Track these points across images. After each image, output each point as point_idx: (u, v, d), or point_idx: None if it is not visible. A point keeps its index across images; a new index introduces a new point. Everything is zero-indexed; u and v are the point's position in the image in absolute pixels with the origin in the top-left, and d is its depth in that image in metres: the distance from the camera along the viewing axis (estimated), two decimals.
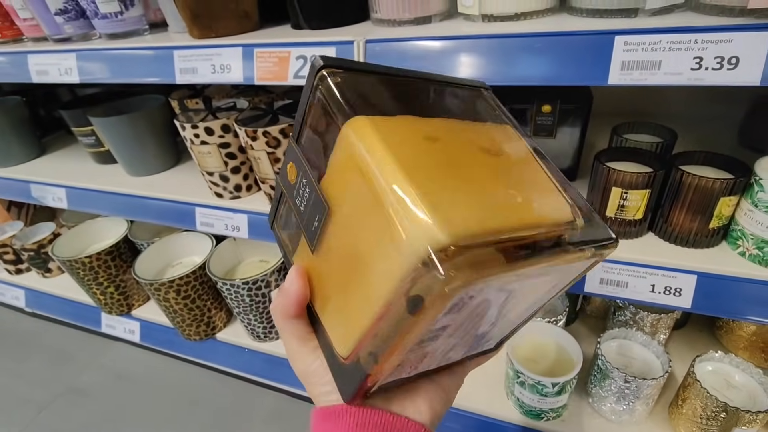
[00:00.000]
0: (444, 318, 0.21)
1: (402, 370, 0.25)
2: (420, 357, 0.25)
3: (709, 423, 0.59)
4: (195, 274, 0.83)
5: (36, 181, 0.93)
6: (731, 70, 0.38)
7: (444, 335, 0.23)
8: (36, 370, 1.15)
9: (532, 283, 0.24)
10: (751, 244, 0.50)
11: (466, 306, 0.21)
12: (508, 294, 0.23)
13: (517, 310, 0.27)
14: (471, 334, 0.26)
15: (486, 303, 0.22)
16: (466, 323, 0.23)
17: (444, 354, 0.27)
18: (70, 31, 0.73)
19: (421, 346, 0.23)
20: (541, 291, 0.26)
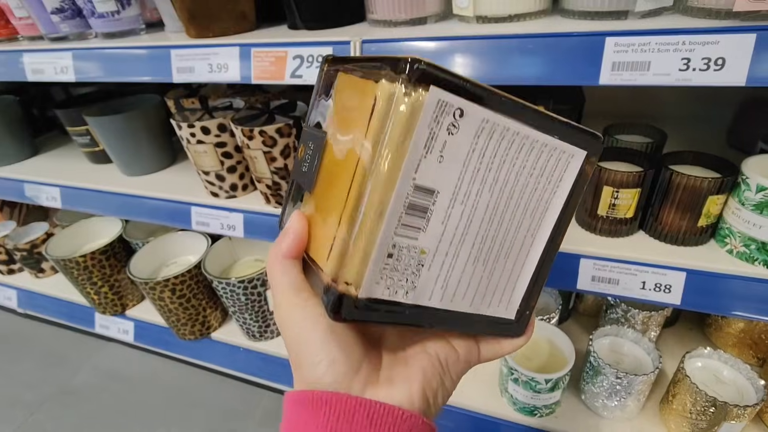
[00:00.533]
0: (428, 167, 0.21)
1: (395, 282, 0.23)
2: (414, 263, 0.23)
3: (699, 418, 0.60)
4: (190, 273, 0.83)
5: (30, 181, 0.92)
6: (718, 71, 0.39)
7: (435, 220, 0.23)
8: (28, 371, 1.14)
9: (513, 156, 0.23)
10: (739, 241, 0.51)
11: (450, 153, 0.21)
12: (495, 170, 0.23)
13: (515, 218, 0.25)
14: (472, 247, 0.24)
15: (474, 169, 0.22)
16: (457, 209, 0.23)
17: (446, 286, 0.25)
18: (66, 30, 0.73)
19: (408, 229, 0.22)
20: (531, 184, 0.25)
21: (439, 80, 0.20)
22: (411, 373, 0.25)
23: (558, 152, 0.25)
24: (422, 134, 0.21)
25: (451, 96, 0.21)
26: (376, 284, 0.22)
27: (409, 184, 0.21)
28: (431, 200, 0.22)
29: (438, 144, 0.21)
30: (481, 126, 0.22)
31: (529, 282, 0.27)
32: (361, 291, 0.22)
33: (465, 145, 0.22)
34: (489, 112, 0.22)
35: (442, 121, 0.21)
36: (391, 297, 0.23)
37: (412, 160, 0.21)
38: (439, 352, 0.27)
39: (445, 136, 0.21)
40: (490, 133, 0.22)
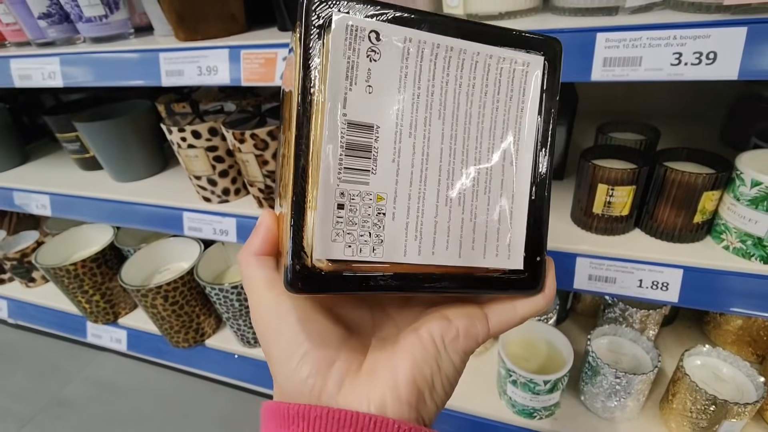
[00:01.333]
0: (356, 100, 0.19)
1: (356, 238, 0.20)
2: (373, 212, 0.20)
3: (699, 416, 0.59)
4: (183, 279, 0.82)
5: (19, 189, 0.91)
6: (709, 65, 0.39)
7: (383, 158, 0.20)
8: (19, 382, 1.12)
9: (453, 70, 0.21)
10: (735, 237, 0.51)
11: (379, 82, 0.20)
12: (440, 93, 0.21)
13: (482, 146, 0.22)
14: (438, 185, 0.21)
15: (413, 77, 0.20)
16: (406, 143, 0.21)
17: (421, 236, 0.21)
18: (54, 35, 0.72)
19: (353, 172, 0.20)
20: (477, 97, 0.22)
21: (340, 7, 0.19)
22: (397, 360, 0.21)
23: (509, 62, 0.22)
24: (339, 65, 0.19)
25: (360, 20, 0.19)
26: (332, 242, 0.20)
27: (339, 122, 0.19)
28: (371, 136, 0.20)
29: (361, 73, 0.19)
30: (405, 47, 0.20)
31: (527, 220, 0.23)
32: (316, 252, 0.19)
33: (393, 71, 0.20)
34: (410, 30, 0.20)
35: (357, 47, 0.19)
36: (355, 256, 0.20)
37: (335, 94, 0.19)
38: (433, 329, 0.22)
39: (367, 63, 0.20)
40: (419, 53, 0.20)
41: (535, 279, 0.24)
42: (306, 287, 0.19)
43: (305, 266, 0.19)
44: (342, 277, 0.20)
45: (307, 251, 0.19)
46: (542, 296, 0.24)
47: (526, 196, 0.23)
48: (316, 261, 0.19)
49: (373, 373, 0.21)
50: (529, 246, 0.23)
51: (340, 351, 0.22)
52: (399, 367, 0.21)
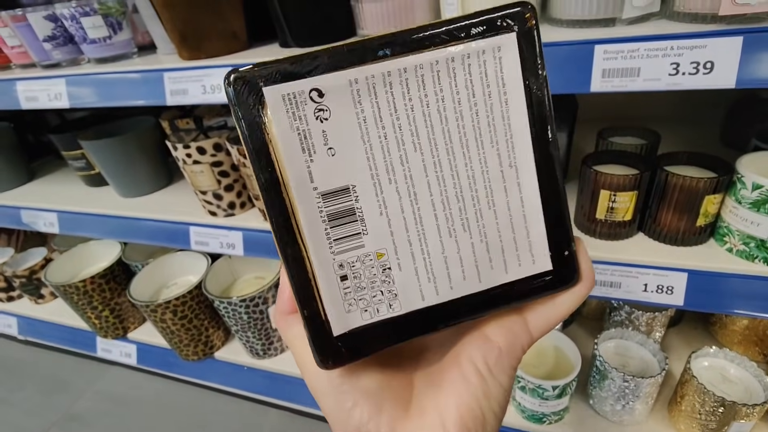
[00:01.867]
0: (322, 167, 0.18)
1: (370, 301, 0.20)
2: (378, 272, 0.20)
3: (709, 418, 0.59)
4: (191, 293, 0.82)
5: (26, 207, 0.92)
6: (707, 74, 0.39)
7: (370, 215, 0.19)
8: (31, 398, 1.13)
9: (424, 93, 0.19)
10: (738, 240, 0.51)
11: (339, 139, 0.18)
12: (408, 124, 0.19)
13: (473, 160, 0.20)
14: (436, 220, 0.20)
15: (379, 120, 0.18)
16: (389, 189, 0.19)
17: (434, 276, 0.20)
18: (59, 57, 0.73)
19: (344, 241, 0.19)
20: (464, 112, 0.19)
21: (268, 77, 0.17)
22: (442, 400, 0.20)
23: (476, 57, 0.19)
24: (291, 141, 0.18)
25: (293, 84, 0.17)
26: (347, 314, 0.19)
27: (311, 198, 0.18)
28: (351, 198, 0.19)
29: (317, 139, 0.18)
30: (353, 90, 0.18)
31: (544, 217, 0.21)
32: (334, 328, 0.19)
33: (350, 120, 0.18)
34: (353, 70, 0.18)
35: (303, 114, 0.18)
36: (375, 317, 0.20)
37: (298, 172, 0.18)
38: (474, 356, 0.21)
39: (319, 126, 0.18)
40: (371, 90, 0.18)
41: (569, 272, 0.21)
42: (337, 362, 0.19)
43: (330, 344, 0.19)
44: (369, 340, 0.20)
45: (327, 328, 0.19)
46: (581, 285, 0.22)
47: (536, 193, 0.20)
48: (337, 336, 0.19)
49: (422, 415, 0.20)
50: (552, 243, 0.21)
51: (386, 395, 0.21)
52: (446, 409, 0.20)
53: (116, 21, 0.69)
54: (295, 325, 0.22)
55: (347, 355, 0.20)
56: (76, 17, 0.66)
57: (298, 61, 0.18)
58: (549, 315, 0.22)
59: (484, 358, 0.21)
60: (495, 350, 0.21)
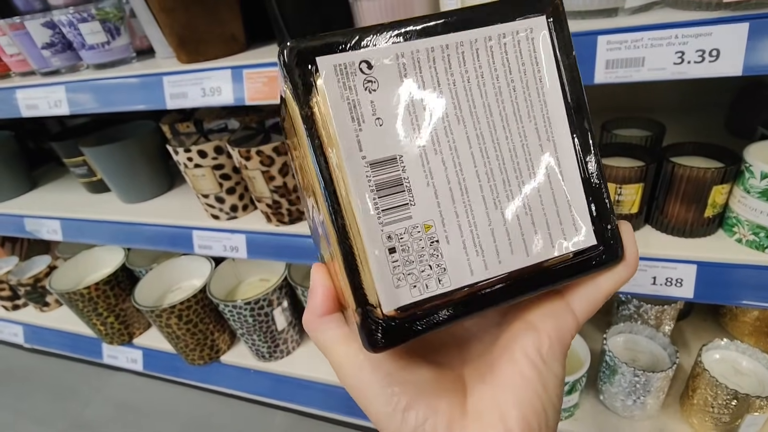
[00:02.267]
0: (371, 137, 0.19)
1: (419, 275, 0.19)
2: (427, 244, 0.19)
3: (721, 412, 0.59)
4: (196, 297, 0.82)
5: (29, 215, 0.92)
6: (713, 62, 0.39)
7: (418, 186, 0.19)
8: (39, 406, 1.13)
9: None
10: (747, 230, 0.50)
11: (387, 110, 0.19)
12: (451, 98, 0.19)
13: (513, 134, 0.20)
14: (482, 191, 0.20)
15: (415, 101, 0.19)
16: (435, 161, 0.19)
17: (482, 250, 0.20)
18: (58, 64, 0.73)
19: (392, 212, 0.19)
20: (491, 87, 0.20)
21: (321, 49, 0.18)
22: (501, 399, 0.20)
23: (510, 37, 0.20)
24: (341, 110, 0.18)
25: (344, 55, 0.18)
26: (396, 289, 0.19)
27: (360, 167, 0.19)
28: (398, 168, 0.19)
29: (366, 109, 0.19)
30: (399, 63, 0.19)
31: (584, 192, 0.21)
32: (384, 305, 0.19)
33: (397, 92, 0.19)
34: (399, 45, 0.19)
35: (353, 84, 0.18)
36: (424, 293, 0.19)
37: (348, 140, 0.18)
38: (526, 348, 0.20)
39: (368, 96, 0.19)
40: (416, 65, 0.19)
41: (613, 249, 0.21)
42: (387, 343, 0.19)
43: (379, 323, 0.19)
44: (419, 318, 0.19)
45: (375, 307, 0.19)
46: (624, 266, 0.21)
47: (575, 166, 0.21)
48: (387, 314, 0.19)
49: (481, 416, 0.20)
50: (595, 217, 0.21)
51: (439, 393, 0.20)
52: (506, 408, 0.19)
53: (114, 26, 0.68)
54: (331, 328, 0.21)
55: (397, 335, 0.19)
56: (73, 24, 0.66)
57: (350, 35, 0.18)
58: (591, 297, 0.22)
59: (537, 349, 0.20)
60: (546, 339, 0.20)
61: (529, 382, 0.20)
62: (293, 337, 0.89)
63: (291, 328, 0.87)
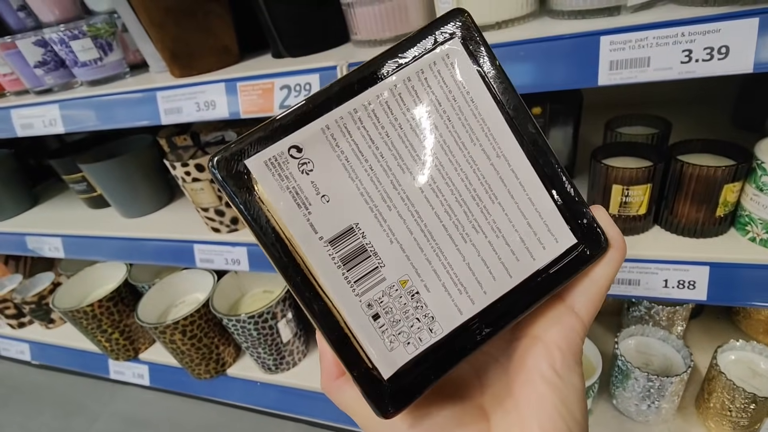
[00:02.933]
0: (321, 216, 0.19)
1: (409, 332, 0.19)
2: (408, 299, 0.19)
3: (739, 415, 0.57)
4: (199, 312, 0.81)
5: (31, 233, 0.92)
6: (722, 59, 0.37)
7: (381, 245, 0.19)
8: (47, 423, 1.13)
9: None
10: (761, 228, 0.49)
11: (329, 185, 0.19)
12: (389, 149, 0.19)
13: (461, 164, 0.20)
14: (446, 231, 0.20)
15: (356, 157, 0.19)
16: (391, 216, 0.19)
17: (464, 287, 0.20)
18: (51, 82, 0.72)
19: (364, 280, 0.19)
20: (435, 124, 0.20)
21: (246, 151, 0.18)
22: (522, 420, 0.19)
23: (429, 70, 0.19)
24: (285, 201, 0.18)
25: (271, 149, 0.18)
26: (391, 352, 0.19)
27: (320, 248, 0.19)
28: (358, 236, 0.19)
29: (309, 191, 0.19)
30: (327, 136, 0.19)
31: (548, 194, 0.21)
32: (383, 371, 0.19)
33: (334, 165, 0.19)
34: (322, 119, 0.19)
35: (288, 173, 0.18)
36: (420, 348, 0.19)
37: (300, 227, 0.19)
38: (540, 366, 0.20)
39: (306, 178, 0.19)
40: (344, 131, 0.19)
41: (595, 240, 0.21)
42: (397, 407, 0.19)
43: (382, 390, 0.19)
44: (421, 372, 0.19)
45: (375, 374, 0.19)
46: (613, 251, 0.21)
47: (531, 172, 0.21)
48: (388, 379, 0.19)
49: None
50: (567, 215, 0.21)
51: (464, 428, 0.20)
52: (532, 428, 0.19)
53: (106, 42, 0.68)
54: (347, 389, 0.21)
55: (405, 396, 0.19)
56: (65, 41, 0.65)
57: (269, 126, 0.18)
58: (590, 293, 0.21)
59: (551, 365, 0.20)
60: (557, 352, 0.20)
61: (546, 400, 0.19)
62: (299, 348, 0.88)
63: (296, 339, 0.86)
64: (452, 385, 0.22)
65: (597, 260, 0.21)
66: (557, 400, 0.19)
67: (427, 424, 0.20)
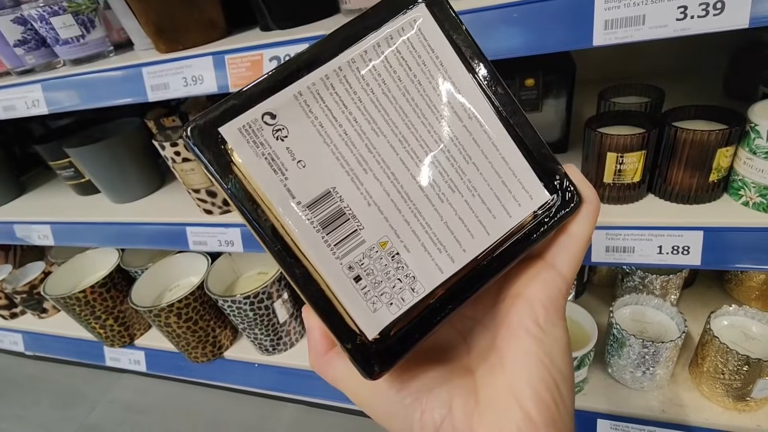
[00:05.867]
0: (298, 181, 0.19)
1: (391, 292, 0.19)
2: (388, 260, 0.19)
3: (732, 378, 0.58)
4: (194, 294, 0.81)
5: (19, 221, 0.90)
6: (717, 15, 0.37)
7: (359, 209, 0.19)
8: (46, 413, 1.13)
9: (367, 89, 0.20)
10: (754, 192, 0.49)
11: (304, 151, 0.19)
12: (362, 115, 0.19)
13: (432, 125, 0.20)
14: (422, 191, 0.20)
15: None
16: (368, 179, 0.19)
17: (444, 246, 0.20)
18: (33, 62, 0.70)
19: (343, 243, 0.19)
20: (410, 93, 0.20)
21: (220, 118, 0.18)
22: (509, 377, 0.19)
23: (398, 36, 0.20)
24: (261, 168, 0.18)
25: (245, 116, 0.18)
26: (374, 313, 0.19)
27: (298, 213, 0.19)
28: (335, 200, 0.19)
29: (284, 157, 0.19)
30: (300, 102, 0.19)
31: (520, 152, 0.21)
32: (367, 331, 0.19)
33: (309, 131, 0.19)
34: (293, 86, 0.19)
35: (263, 140, 0.18)
36: (403, 307, 0.19)
37: (278, 193, 0.18)
38: (524, 322, 0.20)
39: (281, 144, 0.19)
40: (317, 97, 0.19)
41: (569, 196, 0.21)
42: (383, 367, 0.19)
43: (367, 351, 0.19)
44: (406, 332, 0.19)
45: (359, 336, 0.19)
46: (587, 205, 0.21)
47: (503, 131, 0.21)
48: (373, 339, 0.19)
49: (495, 402, 0.19)
50: (540, 173, 0.21)
51: (451, 390, 0.20)
52: (518, 388, 0.19)
53: (88, 19, 0.66)
54: (337, 363, 0.22)
55: (391, 356, 0.19)
56: (45, 18, 0.63)
57: (242, 94, 0.18)
58: (570, 248, 0.21)
59: (534, 320, 0.20)
60: (539, 307, 0.20)
61: (534, 356, 0.19)
62: (296, 328, 0.88)
63: (293, 319, 0.86)
64: (439, 349, 0.23)
65: (572, 215, 0.21)
66: (542, 353, 0.19)
67: (414, 386, 0.20)
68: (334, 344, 0.22)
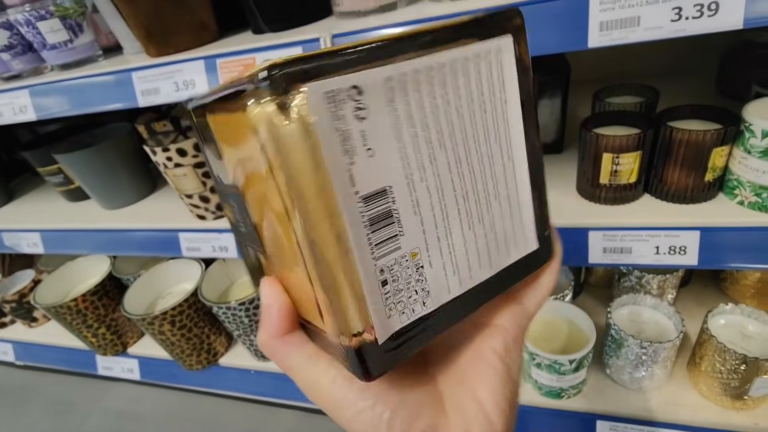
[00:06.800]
0: (362, 169, 0.17)
1: (407, 302, 0.19)
2: (413, 271, 0.19)
3: (730, 377, 0.58)
4: (188, 301, 0.80)
5: (7, 229, 0.88)
6: (712, 16, 0.37)
7: (406, 215, 0.19)
8: (37, 423, 1.11)
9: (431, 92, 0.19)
10: (749, 191, 0.49)
11: (377, 139, 0.17)
12: (434, 122, 0.19)
13: (483, 155, 0.21)
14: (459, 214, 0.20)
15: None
16: (421, 188, 0.19)
17: (458, 269, 0.21)
18: (20, 67, 0.69)
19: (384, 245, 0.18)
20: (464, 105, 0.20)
21: (310, 72, 0.15)
22: (476, 390, 0.22)
23: (483, 56, 0.20)
24: (332, 142, 0.16)
25: (334, 80, 0.16)
26: (388, 319, 0.19)
27: (354, 202, 0.17)
28: (389, 200, 0.18)
29: (356, 139, 0.17)
30: (388, 88, 0.17)
31: (532, 203, 0.23)
32: (379, 335, 0.18)
33: (386, 120, 0.17)
34: (388, 68, 0.17)
35: (343, 113, 0.16)
36: (411, 318, 0.19)
37: (340, 176, 0.17)
38: (494, 345, 0.23)
39: (358, 125, 0.17)
40: (403, 88, 0.18)
41: (548, 250, 0.24)
42: (381, 370, 0.19)
43: (372, 352, 0.18)
44: (405, 342, 0.19)
45: (367, 336, 0.18)
46: (556, 261, 0.25)
47: (527, 182, 0.23)
48: (381, 343, 0.19)
49: (462, 411, 0.21)
50: (538, 225, 0.24)
51: (420, 398, 0.21)
52: (484, 400, 0.21)
53: (76, 23, 0.64)
54: (295, 350, 0.21)
55: (389, 361, 0.19)
56: (31, 22, 0.61)
57: (337, 54, 0.16)
58: (538, 293, 0.25)
59: (504, 345, 0.23)
60: (508, 335, 0.23)
61: (498, 374, 0.22)
62: None
63: None
64: (405, 363, 0.24)
65: (544, 266, 0.25)
66: (506, 374, 0.22)
67: (387, 395, 0.20)
68: (293, 327, 0.21)
